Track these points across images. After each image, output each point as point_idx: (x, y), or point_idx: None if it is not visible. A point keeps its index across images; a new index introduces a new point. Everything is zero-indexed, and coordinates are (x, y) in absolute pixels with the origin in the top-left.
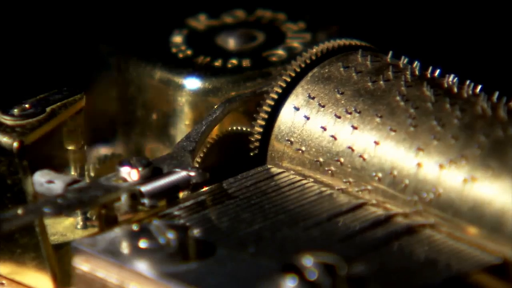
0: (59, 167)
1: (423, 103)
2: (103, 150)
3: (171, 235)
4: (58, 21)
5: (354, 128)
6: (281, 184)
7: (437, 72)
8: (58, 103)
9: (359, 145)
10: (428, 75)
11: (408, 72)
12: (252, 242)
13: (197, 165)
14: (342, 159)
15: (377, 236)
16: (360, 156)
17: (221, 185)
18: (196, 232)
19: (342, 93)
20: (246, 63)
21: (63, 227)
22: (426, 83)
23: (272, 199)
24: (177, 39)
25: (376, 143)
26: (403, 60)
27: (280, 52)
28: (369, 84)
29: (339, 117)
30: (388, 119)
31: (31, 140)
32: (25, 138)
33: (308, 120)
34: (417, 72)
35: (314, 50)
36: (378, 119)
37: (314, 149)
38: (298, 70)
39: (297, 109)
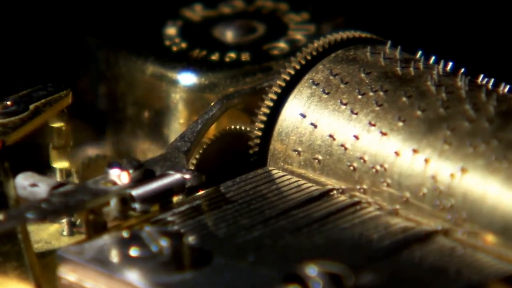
0: (43, 169)
1: (456, 90)
2: (91, 151)
3: (164, 243)
4: (43, 12)
5: (379, 105)
6: (283, 187)
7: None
8: (42, 100)
9: (382, 121)
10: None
11: (440, 66)
12: (251, 250)
13: (192, 167)
14: (360, 135)
15: (387, 243)
16: (381, 132)
17: (218, 188)
18: (191, 239)
19: (367, 73)
20: (245, 56)
21: (48, 234)
22: (460, 76)
23: (273, 204)
24: (171, 31)
25: (402, 120)
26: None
27: (282, 45)
28: (398, 69)
29: (363, 94)
30: (417, 100)
31: (13, 140)
32: (7, 137)
33: (327, 95)
34: (448, 69)
35: (339, 35)
36: (405, 99)
37: (329, 124)
38: (321, 50)
39: (316, 84)
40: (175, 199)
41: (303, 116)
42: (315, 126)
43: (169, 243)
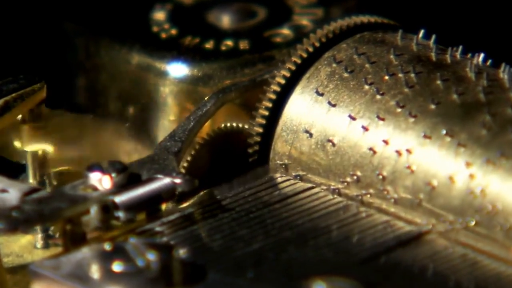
0: (15, 172)
1: (498, 79)
2: (69, 152)
3: (151, 256)
4: None
5: (410, 87)
6: (286, 193)
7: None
8: (13, 94)
9: (412, 103)
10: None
11: (480, 59)
12: (251, 264)
13: (183, 170)
14: (385, 116)
15: (405, 256)
16: (410, 114)
17: (213, 194)
18: (182, 252)
19: (398, 55)
20: (243, 45)
21: (19, 247)
22: (502, 67)
23: (276, 212)
24: (159, 15)
25: (435, 103)
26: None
27: (286, 31)
28: (432, 54)
29: (391, 75)
30: (453, 84)
31: None
32: None
33: (350, 73)
34: (488, 63)
35: (366, 18)
36: (440, 82)
37: (350, 103)
38: (345, 28)
39: (337, 62)
40: (164, 206)
41: (320, 94)
42: (333, 105)
43: (157, 257)
